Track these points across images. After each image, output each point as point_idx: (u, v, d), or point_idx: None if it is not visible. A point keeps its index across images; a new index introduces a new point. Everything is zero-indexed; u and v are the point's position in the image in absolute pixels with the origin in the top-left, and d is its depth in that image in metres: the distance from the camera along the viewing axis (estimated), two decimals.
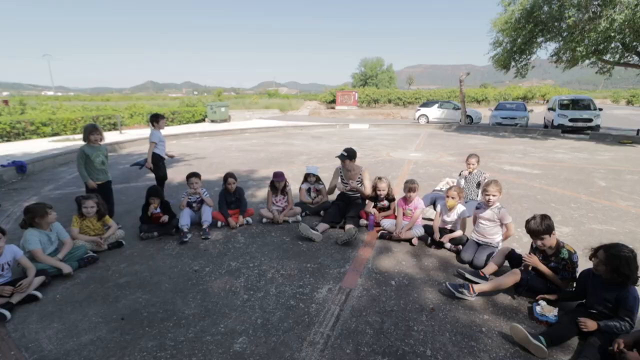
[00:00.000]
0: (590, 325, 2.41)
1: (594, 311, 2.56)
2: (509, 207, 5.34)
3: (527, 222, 3.02)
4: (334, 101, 36.14)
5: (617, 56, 14.32)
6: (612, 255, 2.42)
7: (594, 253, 2.55)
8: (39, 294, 3.02)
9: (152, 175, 5.85)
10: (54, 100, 33.49)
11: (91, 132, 4.49)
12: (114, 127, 16.01)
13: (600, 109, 16.55)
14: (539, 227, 2.91)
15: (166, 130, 15.81)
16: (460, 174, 5.27)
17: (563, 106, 17.38)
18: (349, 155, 4.82)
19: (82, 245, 3.69)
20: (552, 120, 16.75)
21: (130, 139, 12.70)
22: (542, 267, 2.98)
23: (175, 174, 7.71)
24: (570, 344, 2.49)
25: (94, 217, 3.98)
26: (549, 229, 2.90)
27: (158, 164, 5.67)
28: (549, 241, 2.96)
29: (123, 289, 3.19)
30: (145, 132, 14.78)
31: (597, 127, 15.68)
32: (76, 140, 12.16)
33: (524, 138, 14.81)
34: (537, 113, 29.63)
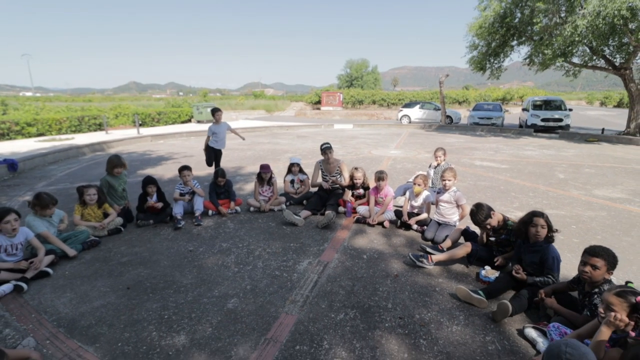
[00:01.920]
0: (521, 275, 2.96)
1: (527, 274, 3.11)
2: (474, 196, 5.92)
3: (471, 216, 3.52)
4: (319, 102, 36.70)
5: (586, 59, 15.26)
6: (544, 217, 2.99)
7: (529, 221, 3.03)
8: (50, 270, 3.39)
9: (145, 170, 6.20)
10: (34, 101, 32.99)
11: (116, 165, 4.76)
12: (99, 127, 16.12)
13: (571, 110, 17.58)
14: (479, 216, 3.43)
15: (152, 130, 16.11)
16: (430, 166, 5.82)
17: (536, 107, 18.34)
18: (326, 148, 5.48)
19: (84, 229, 4.06)
20: (526, 120, 17.66)
21: (116, 138, 12.88)
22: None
23: (166, 171, 8.06)
24: (505, 297, 3.01)
25: (95, 205, 4.34)
26: (488, 213, 3.43)
27: (207, 152, 7.26)
28: (494, 221, 3.48)
29: (126, 266, 3.58)
30: (131, 132, 14.96)
31: (567, 126, 16.65)
32: (62, 141, 12.29)
33: (498, 137, 15.62)
34: (515, 114, 30.80)
